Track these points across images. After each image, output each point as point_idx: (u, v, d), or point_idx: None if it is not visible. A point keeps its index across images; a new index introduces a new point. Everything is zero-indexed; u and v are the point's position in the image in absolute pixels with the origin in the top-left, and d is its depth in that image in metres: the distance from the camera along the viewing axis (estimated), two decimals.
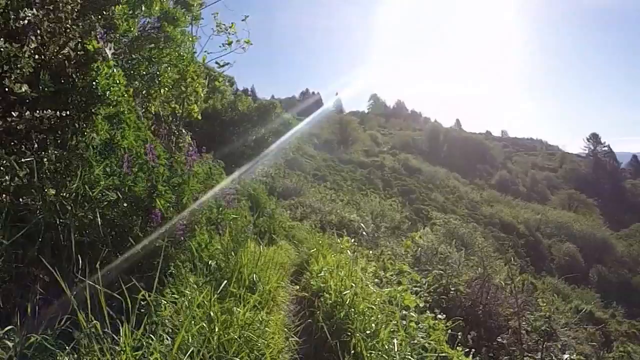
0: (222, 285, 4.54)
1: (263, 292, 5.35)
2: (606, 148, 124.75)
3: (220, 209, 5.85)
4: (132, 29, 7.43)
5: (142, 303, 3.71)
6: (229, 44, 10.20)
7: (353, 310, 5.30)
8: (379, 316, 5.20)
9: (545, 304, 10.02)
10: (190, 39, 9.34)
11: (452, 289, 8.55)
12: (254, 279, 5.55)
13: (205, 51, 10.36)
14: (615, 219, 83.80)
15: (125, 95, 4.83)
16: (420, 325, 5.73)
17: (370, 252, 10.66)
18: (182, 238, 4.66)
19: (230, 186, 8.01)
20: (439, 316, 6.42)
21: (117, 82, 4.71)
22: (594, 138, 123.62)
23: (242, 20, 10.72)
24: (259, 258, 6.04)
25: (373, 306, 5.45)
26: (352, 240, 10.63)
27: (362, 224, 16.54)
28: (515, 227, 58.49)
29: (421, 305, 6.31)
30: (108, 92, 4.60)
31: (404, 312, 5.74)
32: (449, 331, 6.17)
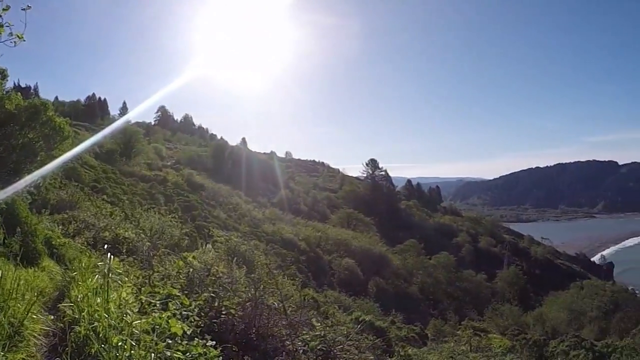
0: None
1: (4, 325, 4.58)
2: (383, 173, 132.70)
3: None
4: None
5: None
6: None
7: (106, 344, 4.68)
8: (133, 351, 4.63)
9: (319, 323, 9.98)
10: None
11: (224, 312, 8.16)
12: None
13: None
14: (391, 235, 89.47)
15: None
16: (188, 354, 5.29)
17: (141, 273, 10.01)
18: None
19: None
20: (210, 342, 6.02)
21: None
22: (373, 163, 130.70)
23: (23, 10, 9.39)
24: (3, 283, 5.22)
25: (130, 338, 4.86)
26: (125, 259, 9.98)
27: (137, 243, 15.75)
28: (296, 244, 59.75)
29: (189, 331, 5.87)
30: None
31: (169, 341, 5.25)
32: (220, 358, 5.81)
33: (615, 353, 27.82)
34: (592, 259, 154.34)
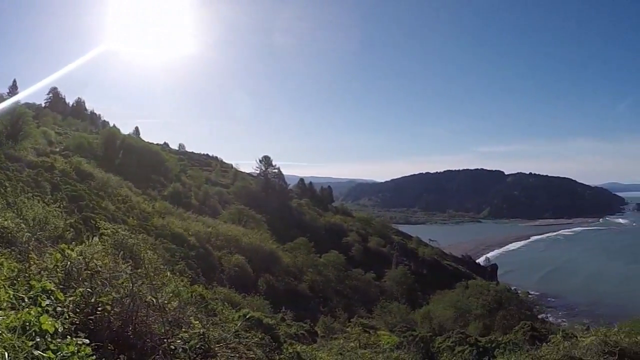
0: None
1: None
2: (276, 170, 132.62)
3: None
4: None
5: None
6: None
7: None
8: None
9: (197, 321, 9.86)
10: None
11: (100, 308, 7.89)
12: None
13: None
14: (282, 233, 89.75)
15: None
16: (59, 353, 5.08)
17: (16, 266, 9.57)
18: None
19: None
20: (83, 340, 5.80)
21: None
22: (266, 160, 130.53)
23: None
24: None
25: None
26: (0, 251, 9.57)
27: (16, 233, 15.07)
28: (186, 239, 58.87)
29: (61, 329, 5.63)
30: None
31: (39, 339, 5.03)
32: (94, 357, 5.62)
33: (499, 348, 28.76)
34: (477, 261, 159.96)
